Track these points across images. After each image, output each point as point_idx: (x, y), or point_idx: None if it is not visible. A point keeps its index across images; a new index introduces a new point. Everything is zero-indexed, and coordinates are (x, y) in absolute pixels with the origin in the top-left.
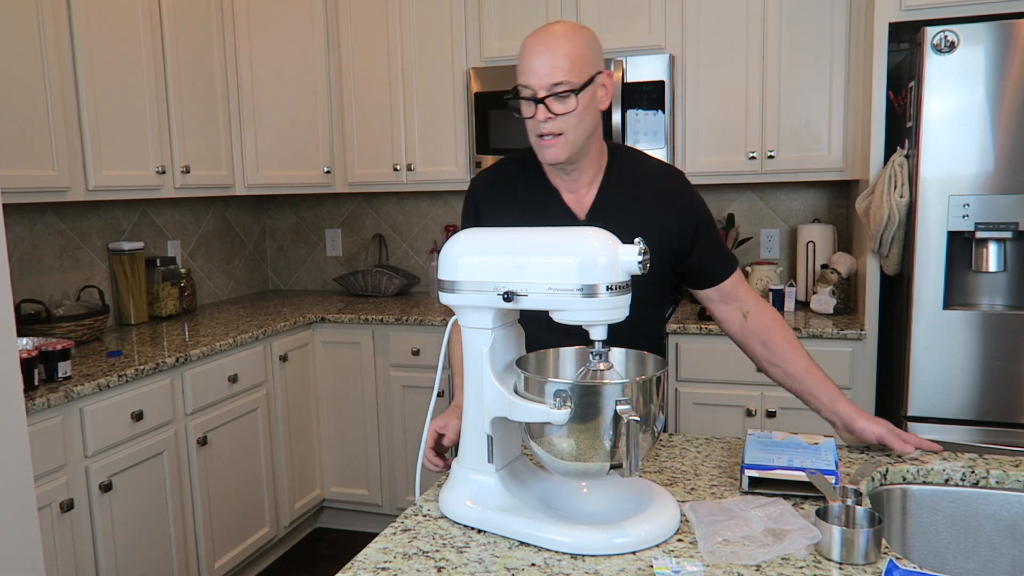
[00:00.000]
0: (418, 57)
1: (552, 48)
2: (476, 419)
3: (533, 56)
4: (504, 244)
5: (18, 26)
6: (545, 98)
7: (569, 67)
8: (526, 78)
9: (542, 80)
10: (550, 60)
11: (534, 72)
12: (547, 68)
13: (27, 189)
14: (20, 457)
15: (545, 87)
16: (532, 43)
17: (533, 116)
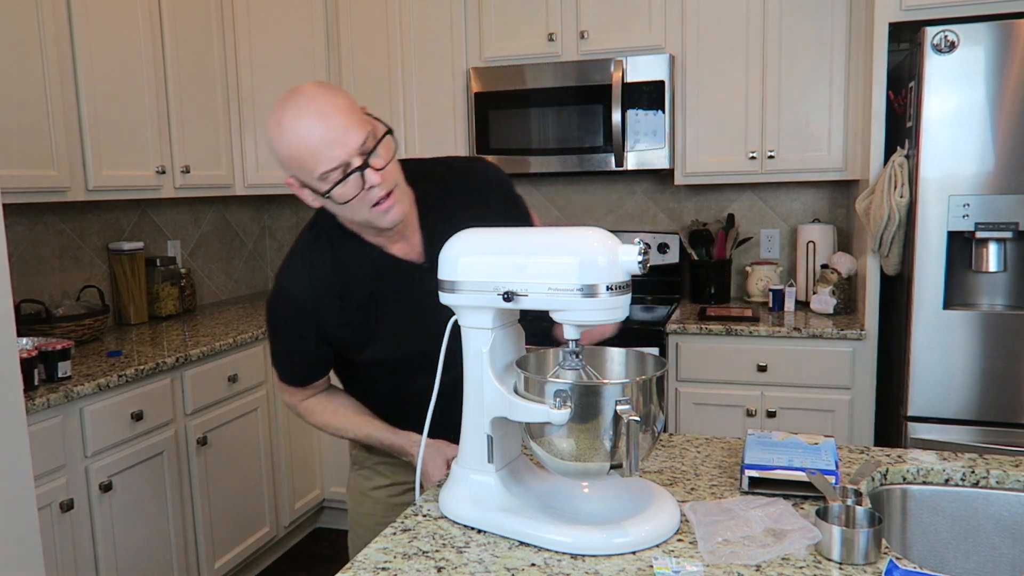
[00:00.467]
0: (418, 57)
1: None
2: (476, 419)
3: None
4: (504, 244)
5: (18, 26)
6: (365, 163)
7: (358, 120)
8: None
9: (349, 147)
10: (340, 124)
11: (334, 150)
12: (343, 135)
13: (27, 189)
14: (20, 457)
15: (355, 152)
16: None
17: (362, 188)
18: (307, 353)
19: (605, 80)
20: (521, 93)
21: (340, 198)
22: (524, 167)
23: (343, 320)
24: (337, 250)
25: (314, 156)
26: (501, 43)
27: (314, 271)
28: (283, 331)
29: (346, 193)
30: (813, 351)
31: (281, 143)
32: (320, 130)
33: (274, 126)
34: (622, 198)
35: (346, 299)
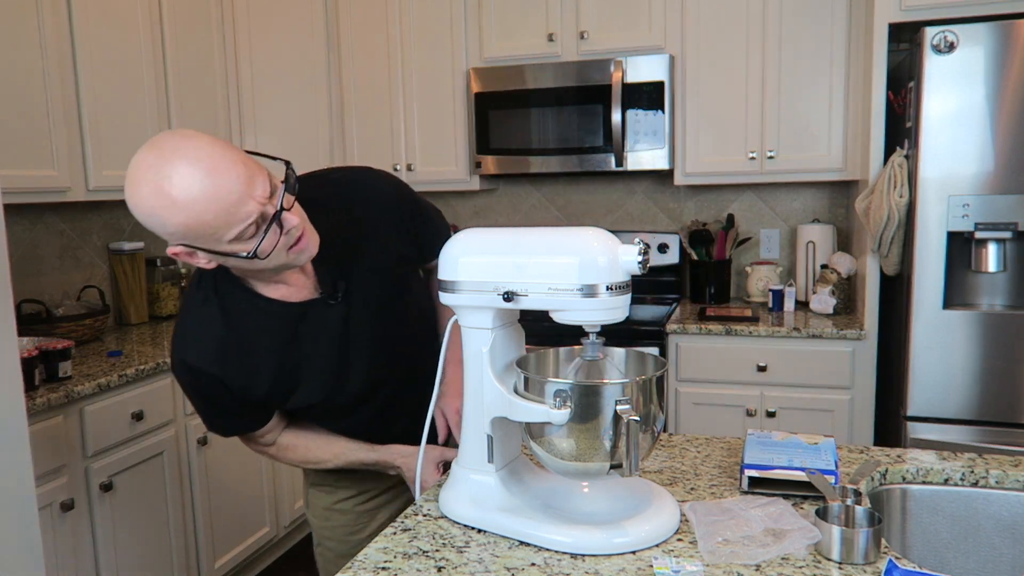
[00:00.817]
0: (418, 57)
1: (224, 167)
2: (476, 419)
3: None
4: (504, 244)
5: (18, 26)
6: (279, 210)
7: (252, 163)
8: (239, 225)
9: (258, 198)
10: (242, 175)
11: (245, 201)
12: (248, 185)
13: (27, 189)
14: (20, 457)
15: (265, 200)
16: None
17: (280, 235)
18: (233, 411)
19: (605, 80)
20: (521, 93)
21: (264, 253)
22: (524, 167)
23: (255, 377)
24: (229, 308)
25: (225, 219)
26: (501, 43)
27: (210, 337)
28: (199, 399)
29: (268, 246)
30: (813, 351)
31: (175, 214)
32: (225, 189)
33: (157, 195)
34: (622, 198)
35: (252, 355)
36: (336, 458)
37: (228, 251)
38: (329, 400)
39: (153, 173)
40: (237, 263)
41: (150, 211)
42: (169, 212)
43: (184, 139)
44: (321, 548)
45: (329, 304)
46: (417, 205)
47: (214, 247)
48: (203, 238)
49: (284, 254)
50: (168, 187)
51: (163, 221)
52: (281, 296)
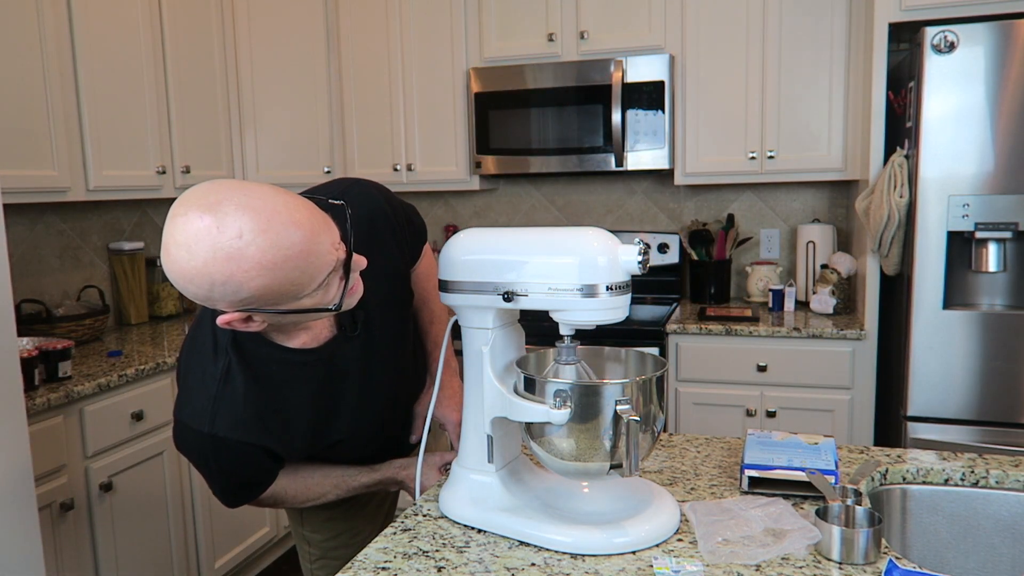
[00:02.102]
0: (418, 57)
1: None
2: (476, 419)
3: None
4: (504, 244)
5: (18, 26)
6: (349, 254)
7: (319, 211)
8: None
9: (335, 243)
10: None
11: (327, 249)
12: (326, 231)
13: (27, 189)
14: (20, 457)
15: (338, 245)
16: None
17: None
18: (257, 476)
19: (605, 80)
20: (521, 93)
21: (350, 302)
22: (524, 167)
23: (294, 433)
24: (256, 371)
25: (310, 273)
26: (501, 43)
27: (244, 406)
28: (224, 472)
29: (327, 294)
30: (813, 351)
31: (256, 278)
32: (312, 240)
33: (230, 260)
34: (622, 198)
35: (287, 412)
36: (337, 488)
37: (301, 308)
38: (355, 433)
39: (221, 235)
40: (292, 319)
41: (223, 279)
42: (248, 276)
43: (239, 191)
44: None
45: (349, 338)
46: (403, 209)
47: (287, 306)
48: (280, 297)
49: (348, 298)
50: (246, 248)
51: (238, 288)
52: (303, 344)
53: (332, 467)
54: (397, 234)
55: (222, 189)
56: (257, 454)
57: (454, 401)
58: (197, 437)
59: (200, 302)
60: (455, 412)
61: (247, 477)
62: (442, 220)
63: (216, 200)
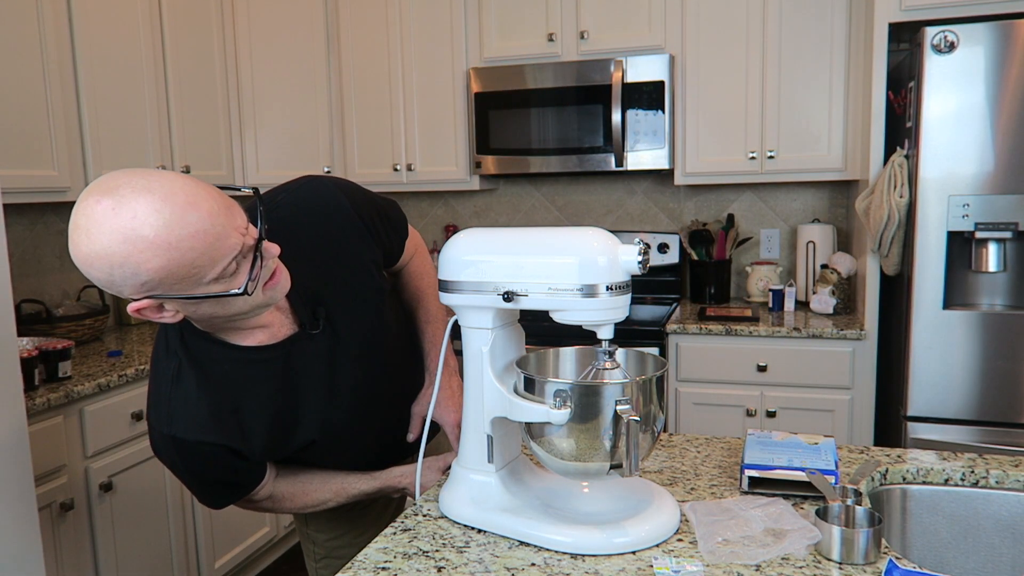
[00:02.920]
0: (418, 57)
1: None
2: (476, 419)
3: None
4: (504, 244)
5: (18, 26)
6: (259, 239)
7: (227, 204)
8: (222, 263)
9: (240, 228)
10: (222, 206)
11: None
12: (228, 215)
13: (27, 189)
14: (20, 457)
15: (244, 231)
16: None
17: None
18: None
19: (605, 80)
20: (521, 93)
21: (252, 287)
22: (524, 167)
23: (253, 432)
24: (208, 370)
25: (210, 255)
26: (501, 43)
27: (197, 406)
28: (192, 476)
29: (240, 281)
30: (813, 351)
31: (151, 258)
32: (208, 221)
33: (126, 240)
34: (622, 198)
35: (244, 411)
36: (337, 495)
37: (208, 293)
38: (328, 433)
39: (116, 216)
40: (209, 311)
41: (120, 260)
42: (144, 257)
43: (140, 177)
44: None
45: (311, 335)
46: (374, 205)
47: (191, 291)
48: (182, 282)
49: (260, 292)
50: (140, 228)
51: (136, 270)
52: (259, 342)
53: (332, 474)
54: (364, 231)
55: (123, 175)
56: (219, 454)
57: (452, 402)
58: (160, 438)
59: (105, 288)
60: (453, 413)
61: (218, 476)
62: (442, 220)
63: (115, 185)
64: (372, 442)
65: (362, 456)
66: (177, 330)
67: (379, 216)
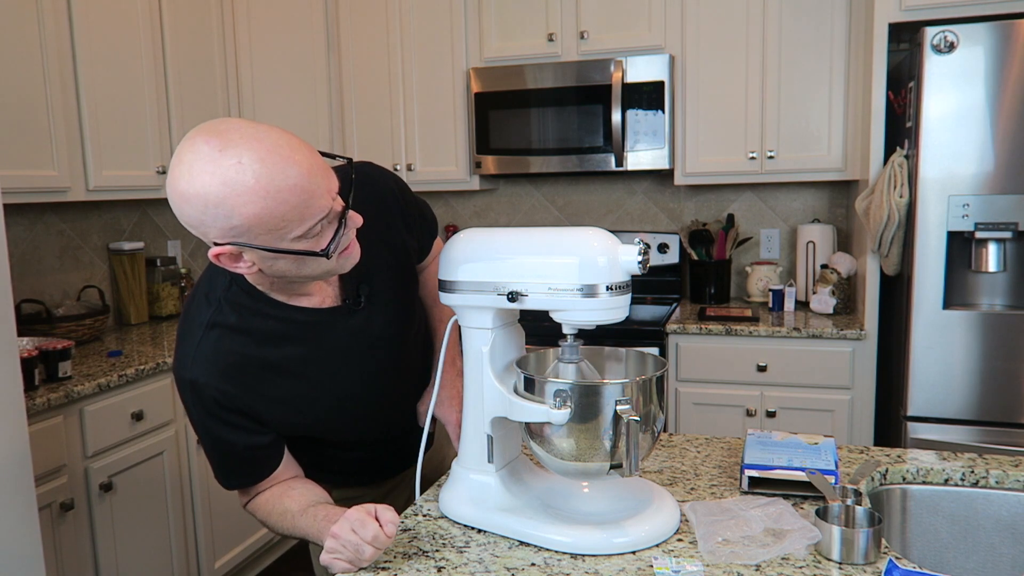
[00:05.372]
0: (418, 57)
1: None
2: (476, 419)
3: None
4: (504, 244)
5: (18, 26)
6: (346, 207)
7: (321, 164)
8: (309, 222)
9: (332, 192)
10: (319, 165)
11: (321, 193)
12: (325, 177)
13: (27, 189)
14: (20, 457)
15: (335, 196)
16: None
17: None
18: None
19: (605, 80)
20: (521, 93)
21: (310, 248)
22: (524, 167)
23: (272, 395)
24: (247, 320)
25: (300, 212)
26: (501, 43)
27: (226, 353)
28: (210, 431)
29: (318, 243)
30: (813, 351)
31: (247, 204)
32: (307, 178)
33: (227, 183)
34: (622, 198)
35: (268, 370)
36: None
37: (290, 248)
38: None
39: (222, 158)
40: (284, 268)
41: (216, 202)
42: (240, 201)
43: (248, 125)
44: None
45: (352, 310)
46: (416, 202)
47: (273, 244)
48: (268, 233)
49: (335, 259)
50: (243, 174)
51: (230, 213)
52: (307, 304)
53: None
54: (407, 219)
55: (233, 121)
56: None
57: (456, 401)
58: (182, 385)
59: (193, 229)
60: (455, 412)
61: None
62: (442, 220)
63: (225, 128)
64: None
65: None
66: (227, 281)
67: (419, 212)
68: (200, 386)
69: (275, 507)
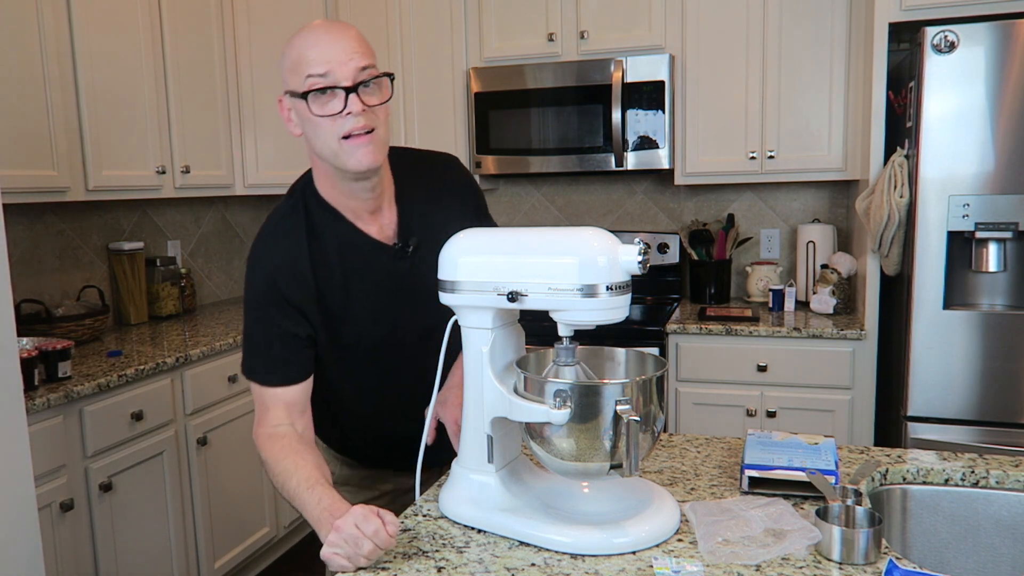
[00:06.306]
0: (418, 57)
1: (345, 35)
2: (476, 419)
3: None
4: (504, 244)
5: (18, 26)
6: (355, 87)
7: (370, 52)
8: (320, 66)
9: (346, 65)
10: (349, 46)
11: (333, 58)
12: (348, 52)
13: (27, 189)
14: (20, 457)
15: (352, 73)
16: (314, 35)
17: (341, 111)
18: (280, 343)
19: (605, 80)
20: (521, 93)
21: (316, 108)
22: (524, 167)
23: (319, 297)
24: (314, 222)
25: (310, 57)
26: (501, 43)
27: (290, 243)
28: (259, 314)
29: (323, 107)
30: (813, 351)
31: (289, 46)
32: (327, 40)
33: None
34: (622, 198)
35: (321, 274)
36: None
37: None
38: (358, 349)
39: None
40: (310, 134)
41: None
42: (290, 42)
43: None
44: None
45: (400, 253)
46: (485, 207)
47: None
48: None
49: (336, 141)
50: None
51: (284, 52)
52: (367, 231)
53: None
54: (469, 217)
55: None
56: (279, 294)
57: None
58: (249, 260)
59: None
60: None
61: (269, 319)
62: None
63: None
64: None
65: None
66: (312, 191)
67: (484, 216)
68: (260, 264)
69: (283, 459)
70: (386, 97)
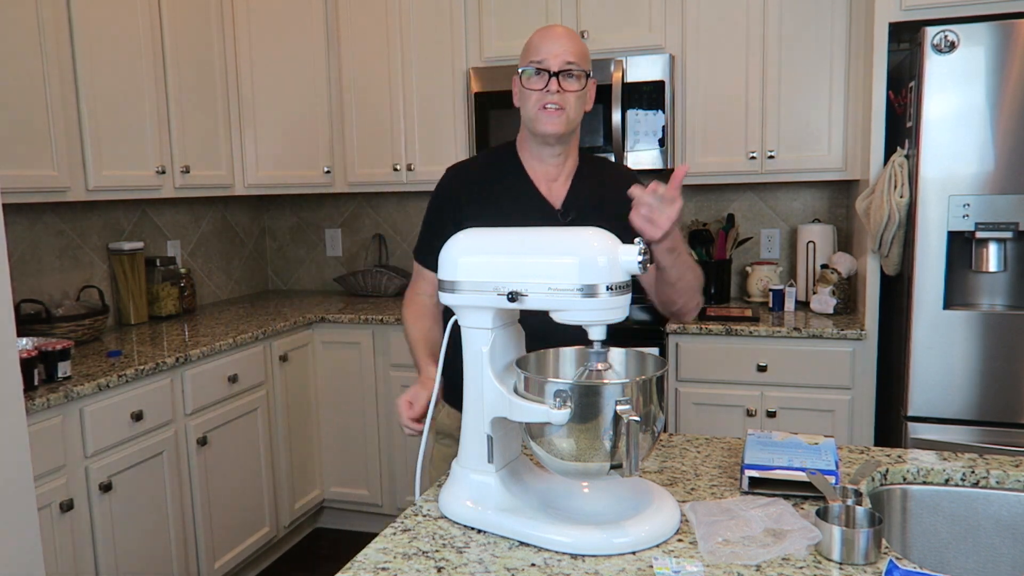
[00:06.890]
0: (418, 57)
1: (566, 37)
2: (476, 419)
3: (549, 39)
4: (504, 244)
5: (18, 26)
6: (558, 73)
7: (580, 55)
8: (540, 55)
9: (557, 58)
10: (564, 45)
11: (550, 51)
12: (562, 49)
13: (27, 189)
14: (20, 457)
15: (559, 64)
16: (545, 32)
17: (543, 88)
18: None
19: (605, 80)
20: None
21: (527, 83)
22: None
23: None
24: (503, 160)
25: (535, 49)
26: (501, 43)
27: (474, 163)
28: (432, 208)
29: (530, 82)
30: (813, 351)
31: (529, 38)
32: (549, 38)
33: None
34: None
35: (485, 202)
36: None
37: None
38: None
39: None
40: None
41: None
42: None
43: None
44: None
45: (558, 215)
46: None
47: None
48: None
49: (535, 108)
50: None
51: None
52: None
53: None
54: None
55: None
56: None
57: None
58: None
59: None
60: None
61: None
62: None
63: None
64: None
65: None
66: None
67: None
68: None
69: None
70: (579, 87)
